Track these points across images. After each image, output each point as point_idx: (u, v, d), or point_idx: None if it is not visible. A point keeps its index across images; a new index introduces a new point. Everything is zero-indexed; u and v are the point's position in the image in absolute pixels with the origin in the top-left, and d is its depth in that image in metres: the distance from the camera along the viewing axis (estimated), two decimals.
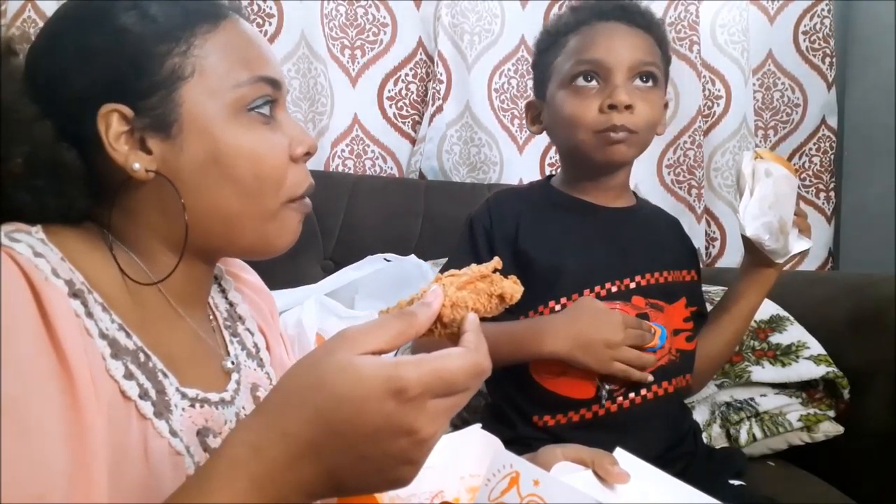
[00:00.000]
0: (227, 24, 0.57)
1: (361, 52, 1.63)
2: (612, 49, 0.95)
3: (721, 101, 1.76)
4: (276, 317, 0.77)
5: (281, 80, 0.59)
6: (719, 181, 1.78)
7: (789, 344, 1.21)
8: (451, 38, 1.64)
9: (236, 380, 0.63)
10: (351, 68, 1.63)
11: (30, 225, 0.52)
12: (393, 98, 1.66)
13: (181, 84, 0.54)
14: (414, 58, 1.67)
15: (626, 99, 0.93)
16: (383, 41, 1.64)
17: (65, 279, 0.49)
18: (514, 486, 0.50)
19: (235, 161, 0.55)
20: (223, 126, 0.55)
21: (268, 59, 0.59)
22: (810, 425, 1.16)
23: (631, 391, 0.93)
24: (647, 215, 1.07)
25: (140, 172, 0.53)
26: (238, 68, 0.56)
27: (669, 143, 1.75)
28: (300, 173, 0.60)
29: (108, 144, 0.53)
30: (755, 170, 0.94)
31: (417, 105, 1.68)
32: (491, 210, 1.02)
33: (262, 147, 0.56)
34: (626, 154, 0.97)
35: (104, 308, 0.52)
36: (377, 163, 1.65)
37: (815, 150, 1.87)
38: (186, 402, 0.55)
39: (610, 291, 0.95)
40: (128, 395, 0.50)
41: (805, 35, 1.84)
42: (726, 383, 1.22)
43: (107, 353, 0.50)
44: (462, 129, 1.66)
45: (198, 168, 0.55)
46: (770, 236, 0.92)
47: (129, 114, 0.53)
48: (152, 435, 0.51)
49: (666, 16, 1.72)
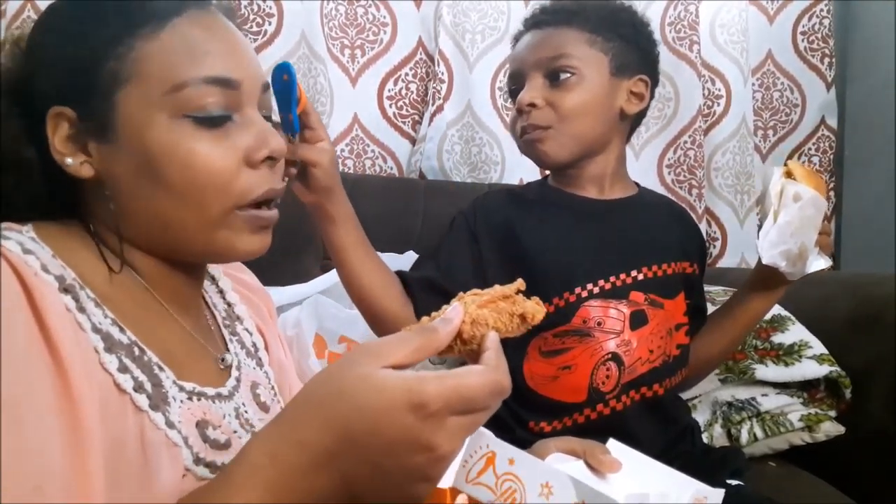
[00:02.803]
0: (179, 22, 0.55)
1: (361, 52, 1.63)
2: (518, 58, 1.01)
3: (721, 101, 1.76)
4: (274, 317, 0.77)
5: (239, 79, 0.56)
6: (720, 181, 1.78)
7: (791, 343, 1.21)
8: (453, 37, 1.63)
9: (236, 377, 0.63)
10: (351, 68, 1.63)
11: (20, 224, 0.53)
12: (393, 98, 1.66)
13: (118, 89, 0.53)
14: (414, 57, 1.66)
15: (526, 98, 0.96)
16: (383, 41, 1.64)
17: (55, 274, 0.49)
18: (490, 466, 0.51)
19: (167, 168, 0.53)
20: (157, 132, 0.53)
21: (221, 56, 0.56)
22: (811, 425, 1.16)
23: (624, 393, 0.93)
24: (647, 205, 1.06)
25: (73, 168, 0.54)
26: (179, 70, 0.54)
27: (669, 143, 1.75)
28: (254, 178, 0.56)
29: (52, 145, 0.54)
30: (784, 191, 0.88)
31: (417, 105, 1.68)
32: (477, 208, 1.02)
33: (199, 153, 0.54)
34: (550, 150, 0.97)
35: (97, 303, 0.52)
36: (377, 162, 1.65)
37: (814, 150, 1.87)
38: (184, 395, 0.55)
39: (609, 287, 0.95)
40: (122, 388, 0.50)
41: (804, 35, 1.84)
42: (730, 379, 1.22)
43: (100, 347, 0.50)
44: (463, 128, 1.66)
45: (132, 173, 0.54)
46: (787, 262, 0.89)
47: (72, 116, 0.54)
48: (149, 427, 0.51)
49: (666, 15, 1.72)
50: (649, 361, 0.94)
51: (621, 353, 0.93)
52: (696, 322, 1.05)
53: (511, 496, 0.49)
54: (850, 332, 1.20)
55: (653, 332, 0.95)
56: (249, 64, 0.58)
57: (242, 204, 0.56)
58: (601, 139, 0.99)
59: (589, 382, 0.92)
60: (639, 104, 1.01)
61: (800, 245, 0.89)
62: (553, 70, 0.96)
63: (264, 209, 0.58)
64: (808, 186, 0.88)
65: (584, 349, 0.93)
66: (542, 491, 0.49)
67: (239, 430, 0.59)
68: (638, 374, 0.94)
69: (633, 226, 1.00)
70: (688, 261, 1.03)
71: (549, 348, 0.94)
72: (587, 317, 0.93)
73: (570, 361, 0.93)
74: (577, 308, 0.94)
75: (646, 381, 0.94)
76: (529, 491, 0.49)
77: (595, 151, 1.00)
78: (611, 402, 0.92)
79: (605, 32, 0.98)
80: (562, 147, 0.97)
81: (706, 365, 1.10)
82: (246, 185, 0.56)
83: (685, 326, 1.00)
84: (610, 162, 1.01)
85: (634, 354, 0.93)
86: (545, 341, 0.94)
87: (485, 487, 0.50)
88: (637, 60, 1.00)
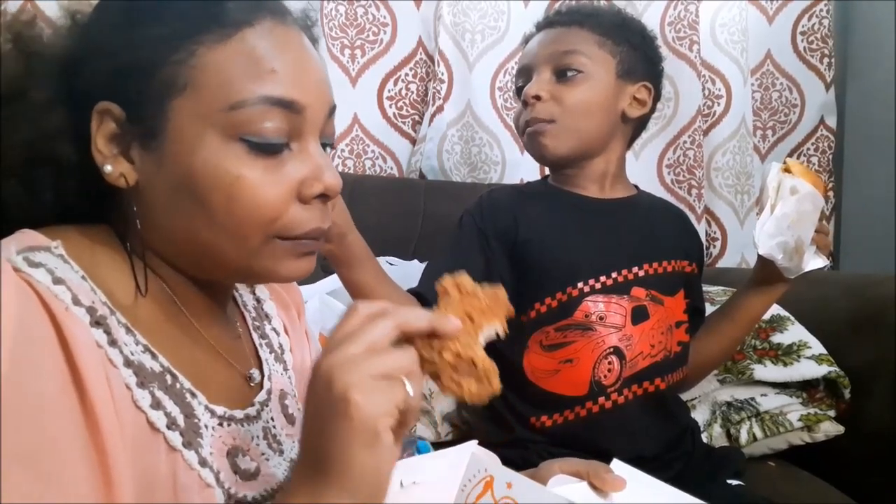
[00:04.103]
0: (248, 32, 0.50)
1: (361, 52, 1.63)
2: (528, 54, 1.03)
3: (721, 101, 1.76)
4: (303, 314, 0.74)
5: (305, 103, 0.51)
6: (719, 181, 1.78)
7: (790, 343, 1.21)
8: (453, 37, 1.63)
9: (268, 389, 0.61)
10: (351, 68, 1.63)
11: (46, 229, 0.50)
12: (393, 98, 1.66)
13: (173, 96, 0.49)
14: (414, 57, 1.66)
15: (532, 90, 0.98)
16: (383, 41, 1.64)
17: (86, 306, 0.46)
18: (488, 490, 0.51)
19: (210, 192, 0.49)
20: (207, 151, 0.49)
21: (289, 75, 0.51)
22: (811, 425, 1.16)
23: (625, 386, 0.93)
24: (646, 206, 1.08)
25: (112, 176, 0.50)
26: (240, 86, 0.49)
27: (669, 142, 1.75)
28: (303, 215, 0.52)
29: (93, 142, 0.50)
30: (781, 185, 0.91)
31: (417, 105, 1.68)
32: (483, 206, 1.03)
33: (247, 182, 0.49)
34: (551, 143, 0.98)
35: (128, 329, 0.49)
36: (377, 163, 1.65)
37: (813, 149, 1.87)
38: (215, 422, 0.53)
39: (611, 283, 0.96)
40: (156, 427, 0.48)
41: (803, 35, 1.84)
42: (728, 379, 1.23)
43: (132, 383, 0.47)
44: (463, 128, 1.66)
45: (173, 188, 0.50)
46: (783, 256, 0.91)
47: (120, 115, 0.50)
48: (182, 467, 0.49)
49: (666, 15, 1.72)
50: (650, 356, 0.95)
51: (623, 348, 0.94)
52: (694, 323, 1.06)
53: None
54: (850, 332, 1.20)
55: (654, 328, 0.96)
56: (318, 87, 0.54)
57: (286, 236, 0.52)
58: (602, 139, 1.01)
59: (591, 376, 0.93)
60: (641, 109, 1.03)
61: (796, 239, 0.90)
62: (561, 66, 0.98)
63: (310, 239, 0.54)
64: (806, 182, 0.90)
65: (586, 343, 0.93)
66: None
67: (267, 452, 0.57)
68: (639, 368, 0.94)
69: (634, 224, 1.02)
70: (686, 260, 1.04)
71: (551, 342, 0.95)
72: (589, 311, 0.94)
73: (572, 355, 0.93)
74: (579, 303, 0.94)
75: (647, 375, 0.95)
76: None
77: (595, 151, 1.01)
78: (612, 395, 0.93)
79: (614, 36, 1.00)
80: (562, 142, 0.98)
81: (706, 366, 1.10)
82: (292, 221, 0.52)
83: (685, 324, 1.01)
84: (610, 163, 1.03)
85: (636, 349, 0.94)
86: (546, 335, 0.95)
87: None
88: (643, 68, 1.03)
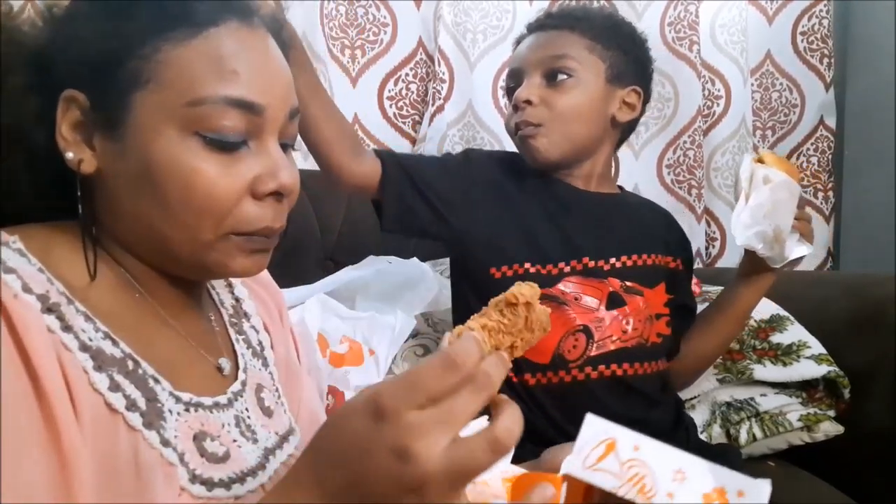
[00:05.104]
0: (213, 32, 0.52)
1: (361, 52, 1.63)
2: (518, 57, 1.04)
3: (721, 101, 1.76)
4: (284, 313, 0.75)
5: (264, 104, 0.52)
6: (719, 181, 1.78)
7: (790, 343, 1.21)
8: (454, 37, 1.63)
9: (242, 381, 0.61)
10: (351, 68, 1.63)
11: (9, 227, 0.51)
12: (393, 98, 1.66)
13: (136, 89, 0.51)
14: (414, 57, 1.66)
15: (522, 94, 0.99)
16: (383, 41, 1.64)
17: (38, 293, 0.47)
18: (611, 452, 0.48)
19: (166, 183, 0.51)
20: (165, 143, 0.50)
21: (250, 77, 0.52)
22: (810, 425, 1.17)
23: (589, 365, 0.95)
24: (630, 203, 1.10)
25: (73, 162, 0.51)
26: (201, 85, 0.51)
27: (669, 142, 1.75)
28: (256, 211, 0.53)
29: (58, 128, 0.51)
30: (753, 175, 0.92)
31: (418, 105, 1.68)
32: (472, 159, 1.05)
33: (202, 175, 0.51)
34: (542, 146, 0.99)
35: (87, 317, 0.50)
36: None
37: (812, 150, 1.87)
38: (181, 407, 0.53)
39: (592, 266, 0.98)
40: (114, 408, 0.48)
41: (803, 35, 1.84)
42: (728, 379, 1.23)
43: (89, 366, 0.48)
44: (464, 128, 1.66)
45: (133, 178, 0.52)
46: (763, 245, 0.91)
47: (85, 104, 0.51)
48: (143, 446, 0.49)
49: (666, 15, 1.73)
50: (621, 341, 0.96)
51: (593, 328, 0.95)
52: (684, 320, 1.07)
53: (640, 481, 0.47)
54: (850, 332, 1.20)
55: (629, 315, 0.97)
56: (280, 89, 0.55)
57: (240, 232, 0.53)
58: (591, 143, 1.02)
59: (555, 348, 0.94)
60: (630, 114, 1.04)
61: (774, 228, 0.91)
62: (551, 70, 0.99)
63: (262, 237, 0.55)
64: (780, 171, 0.91)
65: (557, 317, 0.95)
66: (676, 476, 0.47)
67: (239, 439, 0.57)
68: (607, 350, 0.95)
69: (615, 217, 1.03)
70: (670, 256, 1.05)
71: None
72: (566, 290, 0.96)
73: None
74: (557, 280, 0.96)
75: (615, 359, 0.96)
76: (660, 476, 0.47)
77: (584, 155, 1.03)
78: (573, 371, 0.94)
79: (605, 41, 1.01)
80: (553, 145, 0.99)
81: (700, 363, 1.11)
82: (244, 217, 0.53)
83: (666, 317, 1.02)
84: (597, 164, 1.05)
85: (606, 331, 0.95)
86: None
87: (607, 473, 0.47)
88: (633, 72, 1.03)
